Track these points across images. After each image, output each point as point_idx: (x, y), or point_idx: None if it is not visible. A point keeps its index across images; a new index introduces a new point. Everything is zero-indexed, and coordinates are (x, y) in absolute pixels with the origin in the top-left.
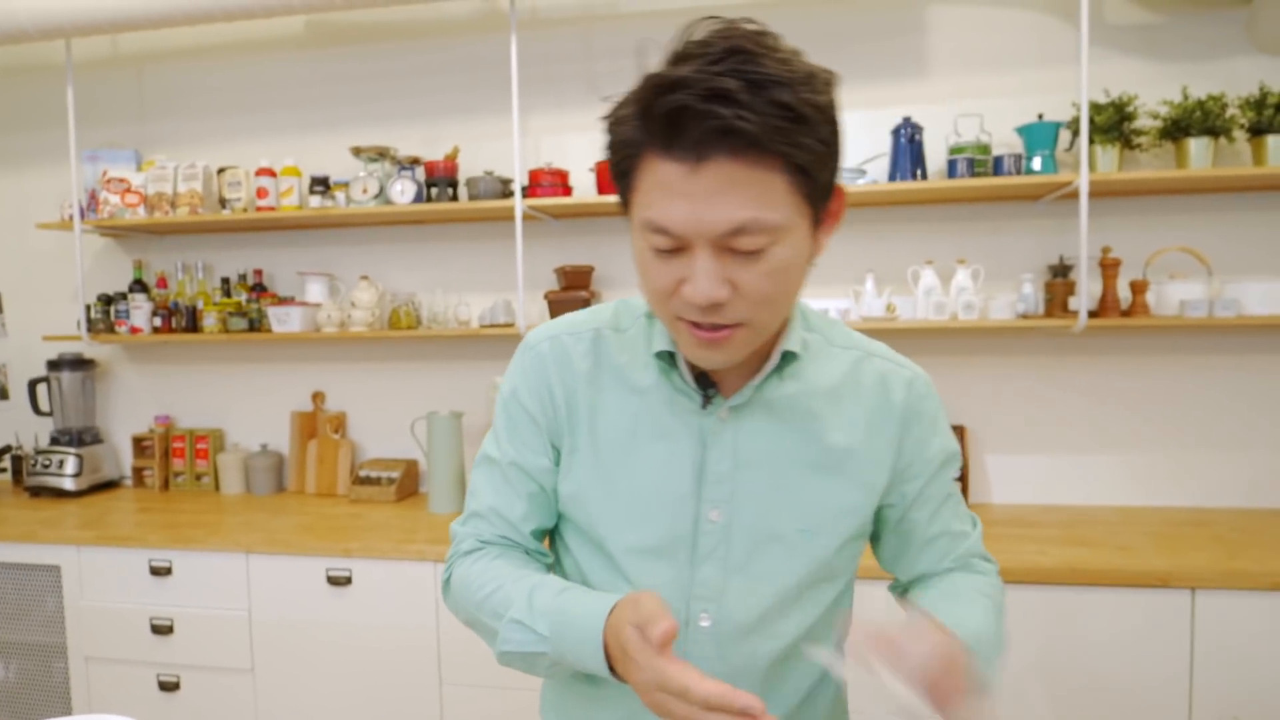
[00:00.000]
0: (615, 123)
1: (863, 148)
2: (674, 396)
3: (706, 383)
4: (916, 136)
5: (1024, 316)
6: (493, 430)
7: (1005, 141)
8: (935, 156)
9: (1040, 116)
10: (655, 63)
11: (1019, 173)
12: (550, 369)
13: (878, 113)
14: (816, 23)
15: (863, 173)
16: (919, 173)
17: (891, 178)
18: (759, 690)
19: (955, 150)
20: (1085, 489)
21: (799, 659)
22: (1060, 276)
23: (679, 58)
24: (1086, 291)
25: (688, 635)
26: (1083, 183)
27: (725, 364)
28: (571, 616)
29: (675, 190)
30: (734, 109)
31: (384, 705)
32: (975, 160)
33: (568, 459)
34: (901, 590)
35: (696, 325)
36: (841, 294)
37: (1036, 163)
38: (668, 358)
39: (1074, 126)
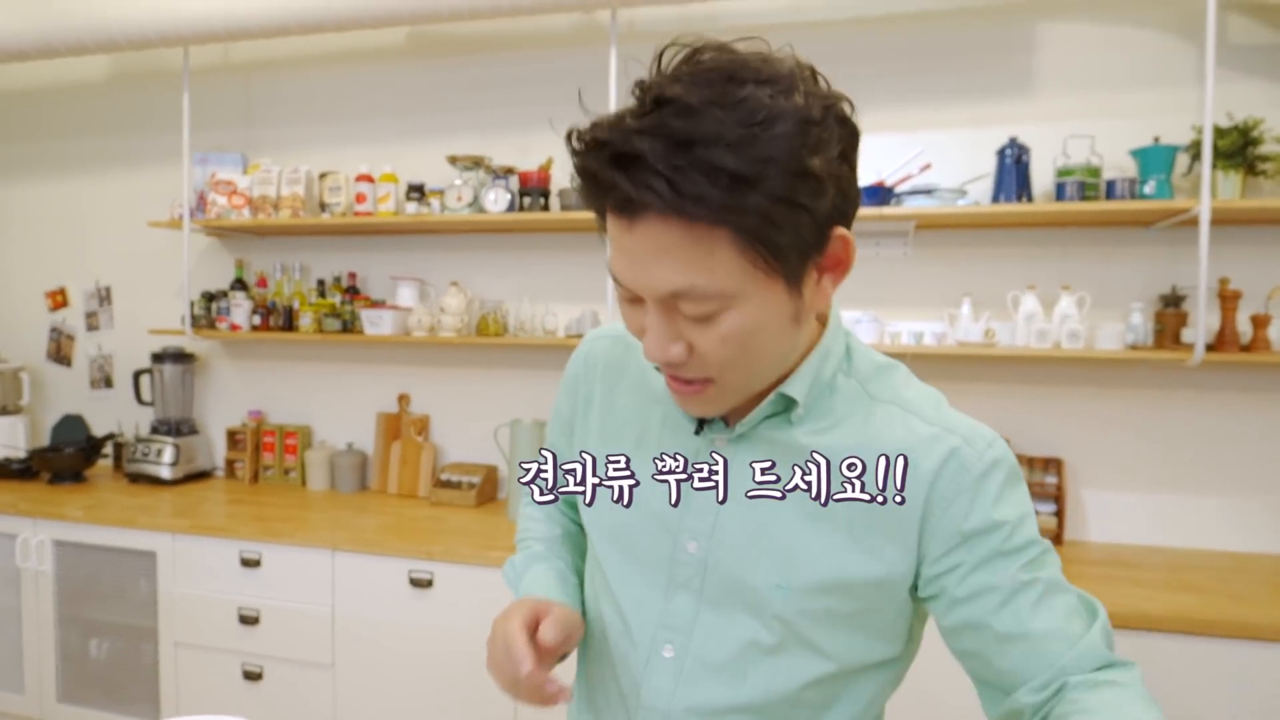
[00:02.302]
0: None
1: (962, 168)
2: (677, 415)
3: None
4: (1023, 158)
5: (1133, 347)
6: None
7: (1115, 164)
8: (1040, 178)
9: (1156, 139)
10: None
11: (1132, 197)
12: (582, 367)
13: (980, 132)
14: (918, 39)
15: (963, 193)
16: (1024, 195)
17: (995, 199)
18: None
19: (1064, 172)
20: (1190, 531)
21: None
22: (1172, 307)
23: (628, 104)
24: (1204, 324)
25: (649, 663)
26: (1204, 210)
27: (708, 414)
28: (520, 584)
29: (620, 244)
30: (645, 175)
31: (460, 708)
32: (1086, 183)
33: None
34: None
35: (672, 375)
36: (935, 317)
37: (1150, 187)
38: None
39: (1193, 150)
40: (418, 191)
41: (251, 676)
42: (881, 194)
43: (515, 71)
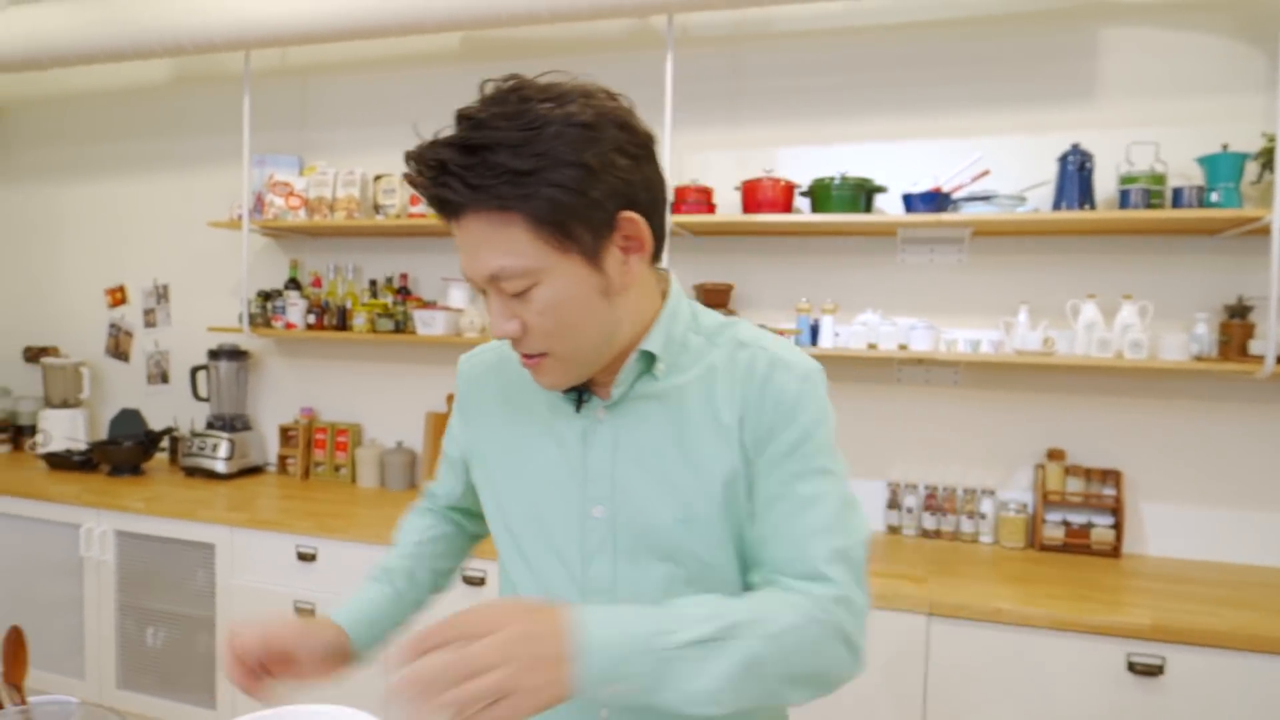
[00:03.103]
0: None
1: (1021, 174)
2: (557, 403)
3: (581, 387)
4: (1086, 165)
5: (1198, 358)
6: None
7: (1180, 172)
8: (1101, 185)
9: (1225, 147)
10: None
11: (1199, 205)
12: (463, 386)
13: (1039, 139)
14: (975, 44)
15: (1022, 200)
16: (1086, 203)
17: (1056, 206)
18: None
19: (1127, 179)
20: (1252, 547)
21: None
22: (1238, 317)
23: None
24: (1276, 336)
25: None
26: (1276, 219)
27: (553, 387)
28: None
29: (457, 241)
30: (448, 177)
31: None
32: (1150, 191)
33: (478, 470)
34: None
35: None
36: (990, 325)
37: (1217, 195)
38: None
39: (1263, 158)
40: None
41: None
42: (938, 200)
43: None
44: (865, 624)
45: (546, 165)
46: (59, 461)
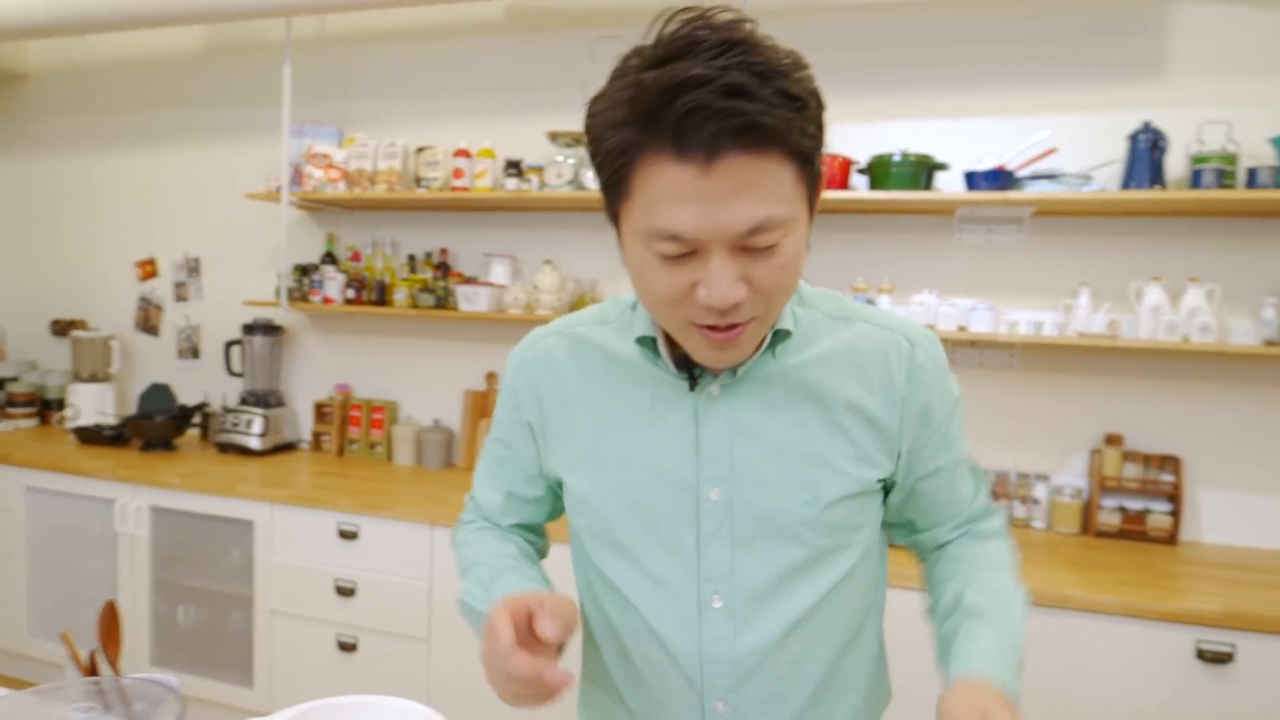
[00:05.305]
0: (604, 129)
1: (1086, 153)
2: (662, 380)
3: (690, 363)
4: (1159, 144)
5: (1270, 343)
6: (495, 413)
7: (1251, 152)
8: (1170, 164)
9: None
10: (624, 62)
11: (1275, 186)
12: (536, 372)
13: (1104, 117)
14: (1039, 20)
15: (1088, 179)
16: (1156, 182)
17: (1125, 185)
18: (781, 665)
19: (1199, 159)
20: None
21: (821, 624)
22: None
23: (667, 56)
24: None
25: (703, 617)
26: None
27: (737, 360)
28: (491, 595)
29: (685, 194)
30: (755, 103)
31: None
32: (1224, 171)
33: (559, 458)
34: (930, 602)
35: (711, 328)
36: (1050, 306)
37: None
38: (650, 343)
39: None
40: (515, 168)
41: (346, 648)
42: (1002, 178)
43: (617, 46)
44: None
45: (814, 103)
46: (90, 436)
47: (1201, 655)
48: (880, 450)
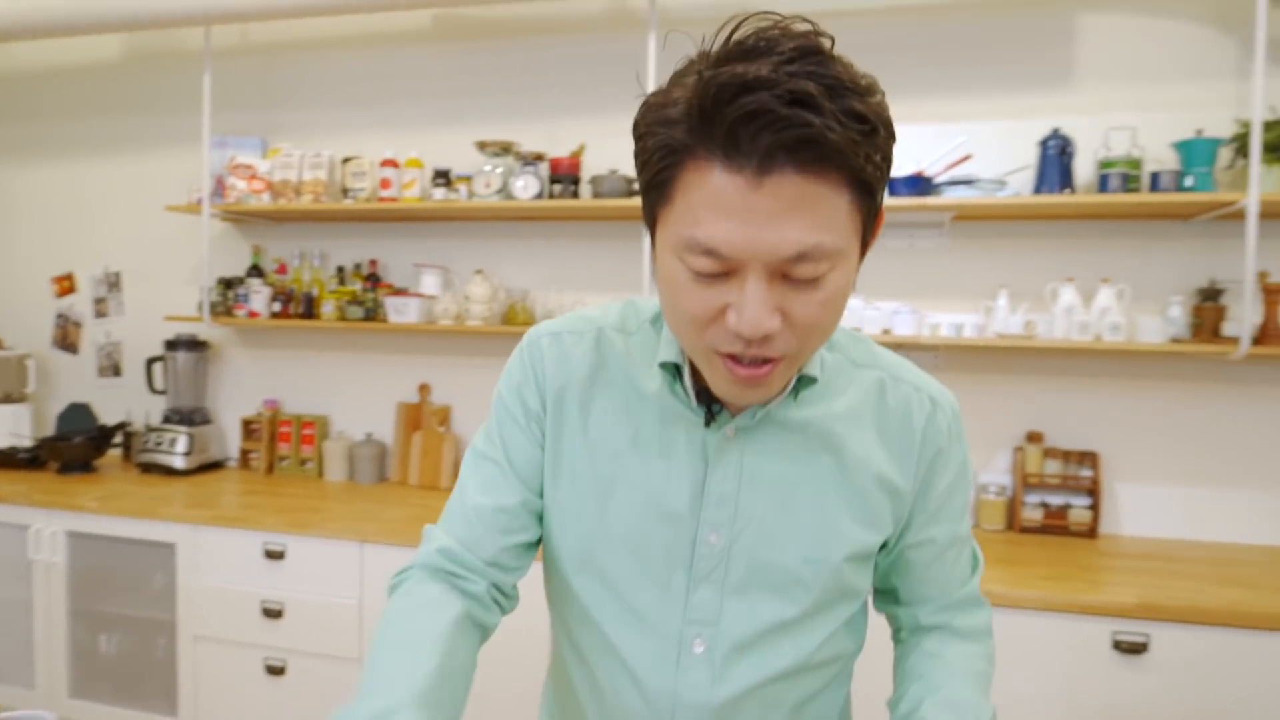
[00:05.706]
0: (654, 125)
1: (1000, 159)
2: (677, 410)
3: (710, 397)
4: (1067, 149)
5: (1175, 341)
6: (485, 427)
7: (1155, 157)
8: (1079, 169)
9: (1199, 132)
10: (688, 63)
11: (1176, 189)
12: (548, 366)
13: (1017, 123)
14: (956, 29)
15: (1003, 184)
16: (1066, 186)
17: (1037, 190)
18: (751, 714)
19: (1107, 164)
20: (1228, 525)
21: (797, 681)
22: (1210, 300)
23: (733, 56)
24: (1250, 318)
25: (681, 660)
26: (1251, 203)
27: (762, 399)
28: None
29: (729, 207)
30: (819, 117)
31: (490, 702)
32: (1129, 175)
33: (553, 464)
34: (895, 697)
35: (735, 359)
36: (970, 309)
37: (1191, 180)
38: (672, 369)
39: (1236, 144)
40: (444, 178)
41: (274, 671)
42: (921, 184)
43: (545, 56)
44: None
45: (884, 131)
46: (3, 459)
47: (1118, 646)
48: (889, 515)
